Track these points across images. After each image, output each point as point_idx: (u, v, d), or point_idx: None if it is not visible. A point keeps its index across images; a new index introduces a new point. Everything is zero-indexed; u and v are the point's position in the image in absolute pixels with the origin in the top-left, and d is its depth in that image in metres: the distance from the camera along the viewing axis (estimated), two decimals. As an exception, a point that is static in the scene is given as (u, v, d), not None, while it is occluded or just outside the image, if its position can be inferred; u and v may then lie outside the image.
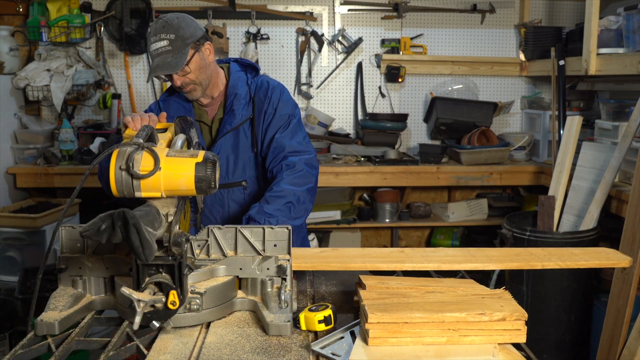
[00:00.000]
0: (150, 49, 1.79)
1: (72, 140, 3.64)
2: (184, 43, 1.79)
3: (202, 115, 1.99)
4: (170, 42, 1.77)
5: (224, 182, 1.96)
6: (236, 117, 1.92)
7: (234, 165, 1.95)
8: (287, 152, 1.87)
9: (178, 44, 1.78)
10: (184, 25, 1.80)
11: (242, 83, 1.95)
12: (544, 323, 2.83)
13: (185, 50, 1.79)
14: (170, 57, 1.78)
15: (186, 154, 1.18)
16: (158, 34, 1.77)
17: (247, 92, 1.95)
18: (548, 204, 2.99)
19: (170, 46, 1.77)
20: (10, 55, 3.73)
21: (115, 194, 1.16)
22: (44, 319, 1.22)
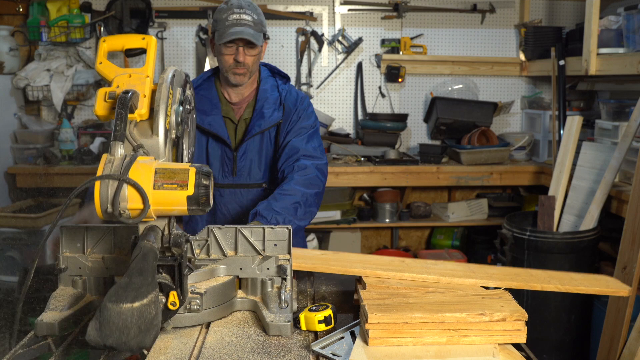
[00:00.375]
0: (230, 17, 1.84)
1: (72, 140, 3.64)
2: (261, 27, 1.89)
3: (229, 112, 1.99)
4: (254, 20, 1.86)
5: (246, 183, 1.98)
6: (265, 120, 1.94)
7: (257, 168, 1.98)
8: (300, 154, 1.91)
9: (258, 26, 1.87)
10: (262, 16, 1.91)
11: (273, 88, 2.00)
12: (544, 323, 2.83)
13: (261, 34, 1.88)
14: (253, 31, 1.84)
15: (175, 181, 1.10)
16: (244, 8, 1.85)
17: (278, 98, 1.98)
18: (548, 204, 2.99)
19: (253, 23, 1.85)
20: (10, 55, 3.74)
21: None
22: (44, 319, 1.22)
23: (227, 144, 1.95)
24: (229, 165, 1.97)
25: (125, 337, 0.95)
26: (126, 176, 1.06)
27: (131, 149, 1.16)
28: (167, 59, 4.00)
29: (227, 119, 1.99)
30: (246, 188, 1.99)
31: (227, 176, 1.98)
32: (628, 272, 2.34)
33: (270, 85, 2.00)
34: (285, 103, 1.98)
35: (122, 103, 1.13)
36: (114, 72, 1.23)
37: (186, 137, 1.30)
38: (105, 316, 0.96)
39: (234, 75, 1.91)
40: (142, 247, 1.07)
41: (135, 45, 1.29)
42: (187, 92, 1.30)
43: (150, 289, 1.01)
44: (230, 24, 1.84)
